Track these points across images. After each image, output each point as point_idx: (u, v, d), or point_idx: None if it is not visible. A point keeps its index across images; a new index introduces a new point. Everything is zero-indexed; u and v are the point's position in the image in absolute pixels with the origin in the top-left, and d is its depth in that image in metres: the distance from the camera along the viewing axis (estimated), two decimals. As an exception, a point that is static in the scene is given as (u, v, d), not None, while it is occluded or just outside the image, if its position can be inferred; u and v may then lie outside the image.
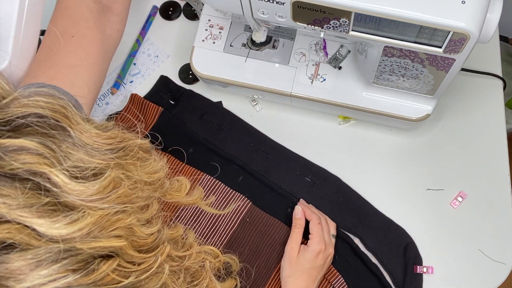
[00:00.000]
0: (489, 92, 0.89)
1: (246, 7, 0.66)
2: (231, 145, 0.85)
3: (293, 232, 0.77)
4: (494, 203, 0.83)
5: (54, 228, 0.40)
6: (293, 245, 0.76)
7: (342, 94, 0.81)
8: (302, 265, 0.74)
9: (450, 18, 0.57)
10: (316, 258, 0.74)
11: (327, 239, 0.77)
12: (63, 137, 0.43)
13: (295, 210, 0.79)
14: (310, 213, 0.78)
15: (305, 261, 0.74)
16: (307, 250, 0.75)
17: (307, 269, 0.74)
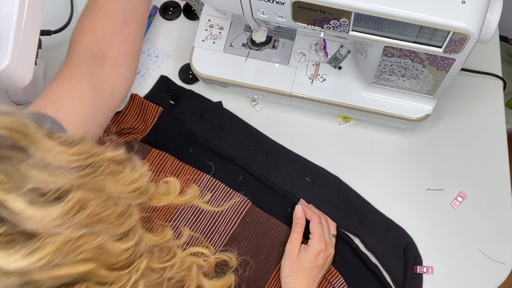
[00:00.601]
0: (489, 92, 0.89)
1: (246, 7, 0.66)
2: (231, 145, 0.85)
3: (294, 232, 0.77)
4: (494, 203, 0.83)
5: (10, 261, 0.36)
6: (293, 244, 0.76)
7: (342, 94, 0.81)
8: (302, 265, 0.74)
9: (450, 18, 0.57)
10: (316, 258, 0.74)
11: (328, 239, 0.77)
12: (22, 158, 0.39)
13: (295, 209, 0.79)
14: (311, 213, 0.78)
15: (305, 260, 0.74)
16: (307, 250, 0.75)
17: (308, 269, 0.74)
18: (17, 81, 0.68)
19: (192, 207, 0.80)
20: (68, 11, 0.92)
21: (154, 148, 0.83)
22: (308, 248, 0.75)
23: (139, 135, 0.85)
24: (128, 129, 0.85)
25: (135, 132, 0.85)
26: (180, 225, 0.78)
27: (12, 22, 0.65)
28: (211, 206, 0.74)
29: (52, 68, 0.92)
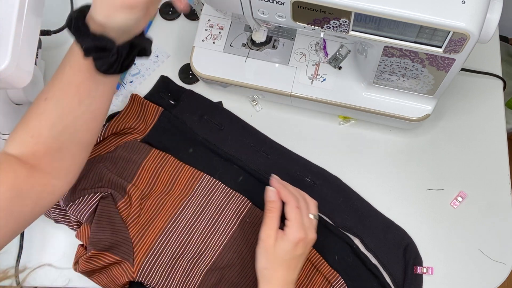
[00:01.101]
0: (489, 92, 0.89)
1: (246, 7, 0.66)
2: (231, 145, 0.85)
3: (267, 217, 0.69)
4: (494, 203, 0.83)
5: None
6: (268, 232, 0.68)
7: (342, 94, 0.81)
8: (280, 256, 0.67)
9: (450, 18, 0.57)
10: (295, 248, 0.67)
11: (307, 223, 0.69)
12: None
13: (267, 191, 0.70)
14: (286, 194, 0.69)
15: (283, 252, 0.67)
16: (284, 240, 0.67)
17: (286, 261, 0.67)
18: (17, 81, 0.68)
19: (192, 207, 0.80)
20: (68, 11, 0.92)
21: (154, 148, 0.83)
22: (286, 237, 0.67)
23: (139, 135, 0.85)
24: (128, 129, 0.85)
25: (135, 132, 0.85)
26: (180, 225, 0.78)
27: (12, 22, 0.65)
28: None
29: (52, 68, 0.92)
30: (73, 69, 0.62)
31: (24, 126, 0.63)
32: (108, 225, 0.76)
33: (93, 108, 0.65)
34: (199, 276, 0.77)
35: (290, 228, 0.67)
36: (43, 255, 0.82)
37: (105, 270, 0.77)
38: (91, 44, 0.58)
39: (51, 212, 0.80)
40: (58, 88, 0.63)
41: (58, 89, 0.63)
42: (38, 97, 0.63)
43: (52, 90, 0.63)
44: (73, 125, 0.63)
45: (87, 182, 0.79)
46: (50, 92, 0.63)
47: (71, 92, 0.62)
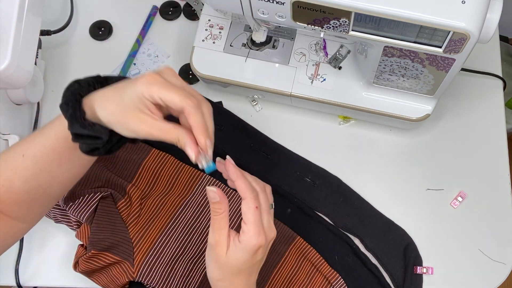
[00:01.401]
0: (489, 92, 0.89)
1: (246, 7, 0.66)
2: (231, 146, 0.85)
3: (214, 220, 0.56)
4: (494, 203, 0.83)
5: None
6: (217, 238, 0.56)
7: (342, 94, 0.81)
8: (235, 267, 0.56)
9: (450, 18, 0.57)
10: (254, 255, 0.56)
11: (267, 223, 0.57)
12: None
13: (208, 192, 0.56)
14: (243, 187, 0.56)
15: (239, 261, 0.55)
16: (240, 249, 0.55)
17: (244, 270, 0.56)
18: (17, 81, 0.68)
19: (192, 207, 0.80)
20: (68, 11, 0.92)
21: (154, 148, 0.83)
22: (241, 245, 0.55)
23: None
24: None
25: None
26: (180, 225, 0.78)
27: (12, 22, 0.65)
28: None
29: (52, 68, 0.92)
30: (59, 139, 0.58)
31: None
32: (108, 225, 0.76)
33: (73, 171, 0.62)
34: (199, 276, 0.77)
35: (246, 234, 0.55)
36: (43, 255, 0.82)
37: (105, 270, 0.77)
38: (83, 132, 0.54)
39: (51, 212, 0.80)
40: (38, 149, 0.58)
41: (38, 150, 0.58)
42: (15, 150, 0.60)
43: (31, 149, 0.59)
44: (48, 182, 0.60)
45: (87, 182, 0.78)
46: (29, 150, 0.59)
47: (52, 157, 0.59)
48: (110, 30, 0.94)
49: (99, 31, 0.94)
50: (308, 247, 0.79)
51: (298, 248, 0.79)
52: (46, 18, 0.94)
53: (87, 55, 0.93)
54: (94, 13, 0.95)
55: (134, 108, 0.52)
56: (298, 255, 0.79)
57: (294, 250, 0.79)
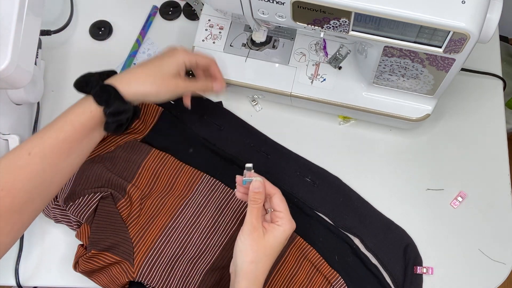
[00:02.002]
0: (489, 92, 0.89)
1: (246, 7, 0.66)
2: (231, 145, 0.85)
3: (253, 209, 0.65)
4: (494, 203, 0.83)
5: None
6: (255, 224, 0.64)
7: (342, 94, 0.81)
8: (272, 248, 0.65)
9: (450, 18, 0.57)
10: (286, 239, 0.66)
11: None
12: None
13: (255, 182, 0.66)
14: (272, 186, 0.68)
15: (276, 243, 0.65)
16: (278, 231, 0.65)
17: (274, 252, 0.65)
18: (17, 81, 0.68)
19: (192, 207, 0.80)
20: (68, 11, 0.92)
21: (154, 148, 0.83)
22: (280, 228, 0.65)
23: (139, 135, 0.85)
24: (128, 129, 0.85)
25: (135, 132, 0.85)
26: (180, 225, 0.78)
27: (12, 22, 0.65)
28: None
29: (52, 68, 0.92)
30: (76, 128, 0.64)
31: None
32: (108, 225, 0.76)
33: (76, 161, 0.67)
34: (199, 276, 0.77)
35: (283, 219, 0.66)
36: (43, 255, 0.82)
37: (105, 270, 0.77)
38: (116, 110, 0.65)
39: (51, 212, 0.80)
40: (48, 144, 0.62)
41: (48, 144, 0.62)
42: (19, 150, 0.62)
43: (39, 145, 0.62)
44: (50, 179, 0.63)
45: (87, 182, 0.78)
46: (37, 147, 0.62)
47: (63, 149, 0.63)
48: (110, 30, 0.94)
49: (99, 31, 0.94)
50: (308, 247, 0.79)
51: (298, 248, 0.79)
52: (46, 18, 0.94)
53: (87, 55, 0.93)
54: (94, 13, 0.95)
55: (172, 75, 0.71)
56: (298, 255, 0.79)
57: (294, 250, 0.79)
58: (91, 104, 0.65)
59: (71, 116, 0.65)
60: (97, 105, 0.65)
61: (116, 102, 0.65)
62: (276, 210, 0.67)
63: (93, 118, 0.65)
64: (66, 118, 0.64)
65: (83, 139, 0.65)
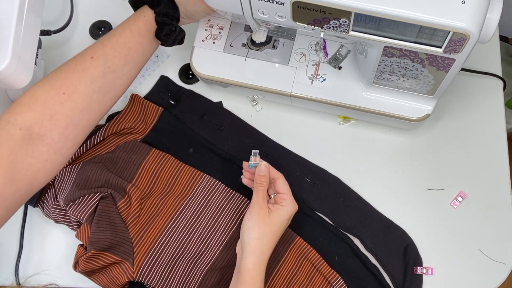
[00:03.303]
0: (489, 92, 0.89)
1: (246, 7, 0.66)
2: (231, 145, 0.85)
3: (259, 190, 0.72)
4: (494, 203, 0.83)
5: None
6: (261, 204, 0.71)
7: (342, 94, 0.81)
8: (276, 226, 0.70)
9: (450, 18, 0.57)
10: (289, 219, 0.71)
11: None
12: None
13: (261, 166, 0.73)
14: (276, 172, 0.74)
15: (280, 222, 0.70)
16: (282, 210, 0.71)
17: (280, 230, 0.71)
18: (17, 81, 0.68)
19: (192, 207, 0.80)
20: (68, 11, 0.92)
21: (154, 148, 0.83)
22: (283, 208, 0.71)
23: (139, 135, 0.85)
24: (128, 129, 0.85)
25: (135, 132, 0.85)
26: (180, 225, 0.78)
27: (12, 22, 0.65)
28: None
29: (52, 68, 0.91)
30: (133, 32, 0.69)
31: (55, 83, 0.65)
32: (108, 225, 0.76)
33: (131, 73, 0.71)
34: (199, 276, 0.77)
35: (286, 200, 0.71)
36: (43, 255, 0.82)
37: (105, 270, 0.77)
38: (165, 10, 0.69)
39: (51, 212, 0.80)
40: (109, 48, 0.68)
41: (109, 48, 0.68)
42: (82, 55, 0.67)
43: (100, 49, 0.68)
44: (109, 84, 0.68)
45: (87, 182, 0.79)
46: (99, 51, 0.67)
47: (122, 53, 0.69)
48: (110, 30, 0.94)
49: (99, 31, 0.94)
50: (308, 247, 0.79)
51: (298, 249, 0.79)
52: (46, 18, 0.94)
53: (87, 55, 0.93)
54: (94, 13, 0.95)
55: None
56: (298, 255, 0.79)
57: (294, 250, 0.79)
58: (146, 10, 0.70)
59: (129, 21, 0.70)
60: (149, 9, 0.70)
61: (165, 2, 0.69)
62: (280, 193, 0.72)
63: (147, 23, 0.70)
64: (124, 24, 0.70)
65: (140, 45, 0.70)
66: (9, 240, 0.83)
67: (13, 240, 0.83)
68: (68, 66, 0.66)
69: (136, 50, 0.70)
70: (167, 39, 0.72)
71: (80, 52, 0.68)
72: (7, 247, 0.83)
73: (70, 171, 0.81)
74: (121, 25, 0.70)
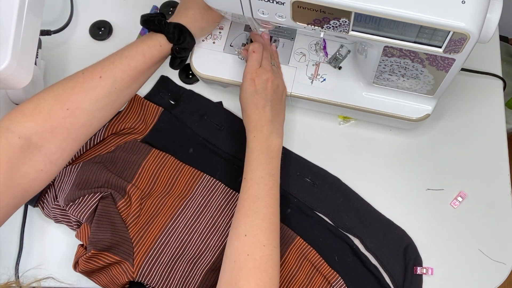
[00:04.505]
0: (489, 92, 0.89)
1: (246, 7, 0.66)
2: (231, 146, 0.85)
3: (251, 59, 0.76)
4: (494, 203, 0.83)
5: None
6: (250, 68, 0.75)
7: (342, 94, 0.81)
8: (243, 98, 0.75)
9: (450, 18, 0.57)
10: (252, 85, 0.74)
11: (267, 66, 0.76)
12: None
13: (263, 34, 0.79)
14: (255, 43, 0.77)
15: (242, 91, 0.75)
16: (243, 81, 0.75)
17: (250, 100, 0.74)
18: (17, 81, 0.68)
19: (192, 207, 0.80)
20: (68, 11, 0.92)
21: (154, 148, 0.83)
22: (243, 78, 0.75)
23: (139, 135, 0.85)
24: (128, 129, 0.85)
25: (135, 132, 0.85)
26: (180, 225, 0.78)
27: (12, 22, 0.65)
28: None
29: (52, 68, 0.92)
30: (145, 58, 0.71)
31: (60, 97, 0.65)
32: (108, 225, 0.76)
33: (133, 92, 0.73)
34: (199, 276, 0.77)
35: (244, 70, 0.75)
36: (43, 255, 0.82)
37: (105, 270, 0.77)
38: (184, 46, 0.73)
39: (51, 212, 0.80)
40: (119, 69, 0.69)
41: (119, 70, 0.69)
42: (89, 73, 0.68)
43: (111, 70, 0.69)
44: (112, 103, 0.70)
45: (87, 182, 0.79)
46: (108, 71, 0.68)
47: (131, 76, 0.70)
48: (110, 30, 0.94)
49: (99, 31, 0.94)
50: (308, 247, 0.79)
51: (298, 249, 0.79)
52: (46, 18, 0.94)
53: (87, 55, 0.93)
54: (94, 13, 0.95)
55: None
56: (298, 255, 0.79)
57: (294, 251, 0.79)
58: (162, 40, 0.72)
59: (143, 47, 0.71)
60: (167, 41, 0.72)
61: (187, 38, 0.74)
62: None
63: (162, 52, 0.73)
64: (137, 48, 0.71)
65: (148, 69, 0.73)
66: (9, 240, 0.83)
67: (13, 240, 0.83)
68: (75, 82, 0.67)
69: (143, 73, 0.73)
70: (179, 67, 0.77)
71: (89, 68, 0.69)
72: (7, 247, 0.83)
73: (70, 171, 0.81)
74: (134, 48, 0.71)
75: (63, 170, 0.81)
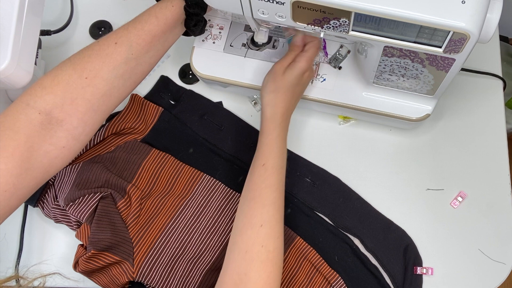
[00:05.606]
0: (489, 92, 0.89)
1: (246, 7, 0.66)
2: (231, 146, 0.85)
3: (287, 54, 0.76)
4: (494, 203, 0.83)
5: None
6: (282, 63, 0.74)
7: (342, 94, 0.81)
8: (288, 81, 0.73)
9: (450, 18, 0.57)
10: (302, 76, 0.74)
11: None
12: None
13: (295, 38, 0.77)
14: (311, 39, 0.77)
15: (292, 76, 0.73)
16: (295, 66, 0.73)
17: (293, 86, 0.73)
18: (17, 81, 0.68)
19: (192, 207, 0.80)
20: (68, 11, 0.92)
21: (154, 148, 0.83)
22: (297, 64, 0.73)
23: (139, 135, 0.85)
24: (128, 129, 0.85)
25: (135, 132, 0.85)
26: (180, 225, 0.78)
27: (12, 22, 0.65)
28: None
29: (52, 68, 0.92)
30: (159, 21, 0.69)
31: (77, 66, 0.64)
32: (108, 225, 0.76)
33: (152, 61, 0.71)
34: (199, 276, 0.77)
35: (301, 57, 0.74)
36: (43, 255, 0.82)
37: (105, 270, 0.77)
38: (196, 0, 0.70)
39: (51, 212, 0.80)
40: (134, 34, 0.67)
41: (134, 35, 0.67)
42: (106, 40, 0.66)
43: (125, 35, 0.67)
44: (130, 71, 0.67)
45: (87, 182, 0.79)
46: (123, 37, 0.67)
47: (146, 40, 0.68)
48: (110, 30, 0.94)
49: (99, 31, 0.94)
50: (308, 247, 0.79)
51: (298, 249, 0.79)
52: (46, 18, 0.94)
53: (87, 55, 0.93)
54: (94, 13, 0.95)
55: None
56: (298, 255, 0.79)
57: (294, 251, 0.79)
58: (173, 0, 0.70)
59: (156, 9, 0.69)
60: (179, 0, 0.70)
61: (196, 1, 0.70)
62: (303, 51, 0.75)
63: (174, 12, 0.70)
64: (150, 11, 0.69)
65: (163, 33, 0.70)
66: (9, 240, 0.83)
67: (13, 240, 0.83)
68: (92, 50, 0.65)
69: (159, 38, 0.70)
70: (195, 29, 0.74)
71: (104, 37, 0.67)
72: (7, 247, 0.83)
73: (70, 171, 0.81)
74: (146, 12, 0.70)
75: (63, 170, 0.81)
